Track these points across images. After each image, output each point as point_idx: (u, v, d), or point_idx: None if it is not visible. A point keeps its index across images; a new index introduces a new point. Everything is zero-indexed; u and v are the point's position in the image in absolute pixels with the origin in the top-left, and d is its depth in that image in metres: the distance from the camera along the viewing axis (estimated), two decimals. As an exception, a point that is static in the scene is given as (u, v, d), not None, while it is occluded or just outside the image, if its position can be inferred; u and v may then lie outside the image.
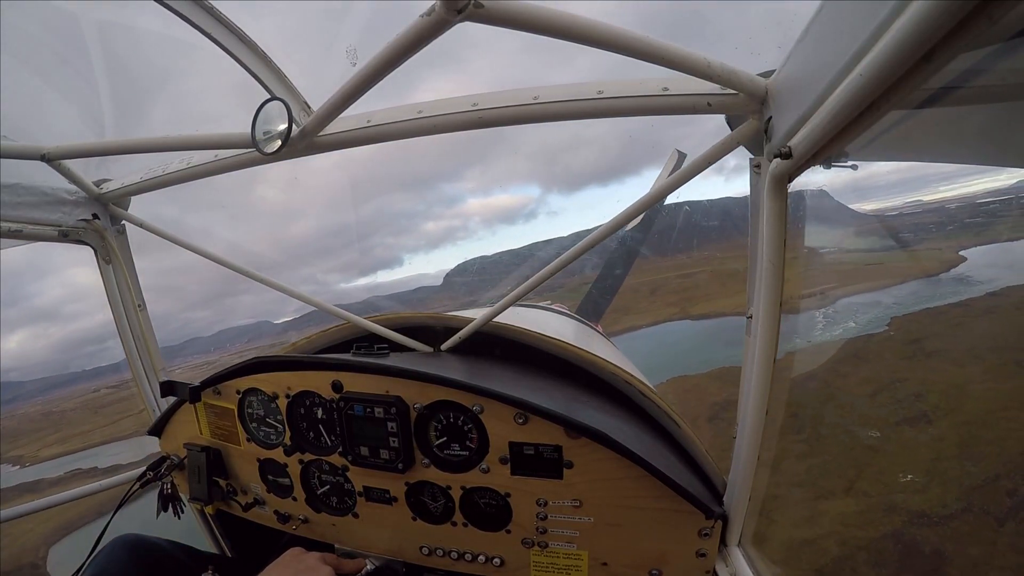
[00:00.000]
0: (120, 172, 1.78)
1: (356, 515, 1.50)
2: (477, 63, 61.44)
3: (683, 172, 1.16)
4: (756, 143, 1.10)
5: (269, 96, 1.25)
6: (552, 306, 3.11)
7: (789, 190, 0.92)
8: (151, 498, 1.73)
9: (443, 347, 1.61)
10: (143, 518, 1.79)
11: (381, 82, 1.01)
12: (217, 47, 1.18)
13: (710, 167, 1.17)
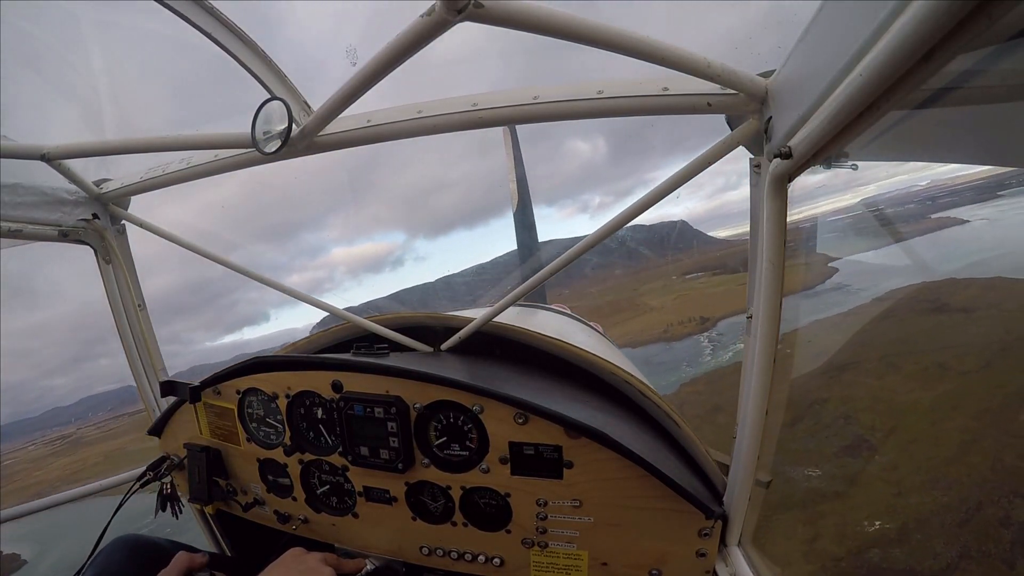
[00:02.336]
0: (120, 172, 1.78)
1: (356, 515, 1.50)
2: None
3: (684, 172, 1.16)
4: (756, 143, 1.10)
5: (269, 96, 1.25)
6: (552, 306, 3.11)
7: (789, 190, 0.92)
8: (150, 498, 1.73)
9: (443, 347, 1.61)
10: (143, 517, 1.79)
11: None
12: (217, 47, 1.18)
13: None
